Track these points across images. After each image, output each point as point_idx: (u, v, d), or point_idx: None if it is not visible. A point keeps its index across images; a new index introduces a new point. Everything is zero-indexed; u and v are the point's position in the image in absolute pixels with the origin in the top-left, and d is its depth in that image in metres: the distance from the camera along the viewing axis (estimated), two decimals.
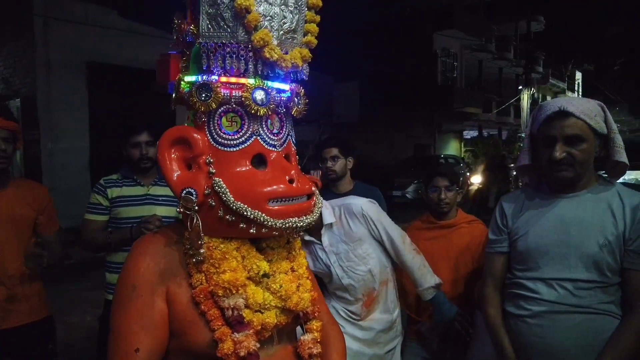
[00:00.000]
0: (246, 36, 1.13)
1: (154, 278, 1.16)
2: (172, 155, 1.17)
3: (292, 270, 1.28)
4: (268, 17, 1.14)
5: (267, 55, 1.12)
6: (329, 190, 2.94)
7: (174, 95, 1.25)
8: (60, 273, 6.86)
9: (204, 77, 1.16)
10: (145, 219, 2.53)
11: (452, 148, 25.12)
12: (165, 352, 1.16)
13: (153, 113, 10.03)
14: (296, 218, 1.16)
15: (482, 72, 27.48)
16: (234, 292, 1.15)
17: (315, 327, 1.31)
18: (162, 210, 2.68)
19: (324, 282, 2.35)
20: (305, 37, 1.23)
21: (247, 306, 1.16)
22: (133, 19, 10.27)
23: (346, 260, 2.26)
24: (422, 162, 17.41)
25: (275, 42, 1.14)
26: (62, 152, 9.53)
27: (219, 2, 1.12)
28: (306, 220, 1.18)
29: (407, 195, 14.40)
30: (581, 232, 1.63)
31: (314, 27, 1.24)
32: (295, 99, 1.23)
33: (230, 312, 1.13)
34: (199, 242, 1.14)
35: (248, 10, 1.10)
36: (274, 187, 1.15)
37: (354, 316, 2.31)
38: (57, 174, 9.47)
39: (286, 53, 1.17)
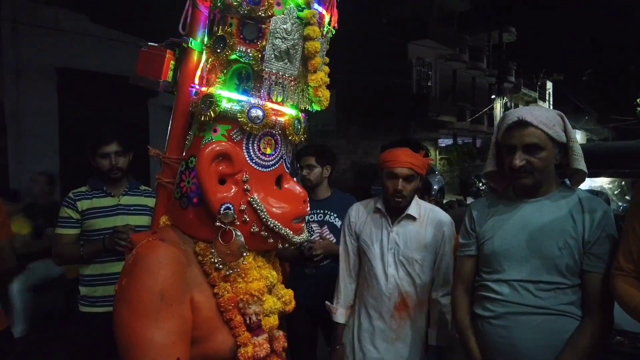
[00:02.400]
0: (300, 73, 1.25)
1: (181, 286, 1.12)
2: (212, 171, 1.19)
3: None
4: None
5: (320, 94, 1.26)
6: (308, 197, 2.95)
7: (205, 107, 1.22)
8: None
9: (260, 101, 1.22)
10: (117, 229, 2.52)
11: None
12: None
13: (125, 120, 9.95)
14: (304, 234, 1.32)
15: (456, 82, 27.95)
16: (260, 299, 1.24)
17: (284, 324, 1.40)
18: (134, 220, 2.65)
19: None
20: (317, 74, 1.30)
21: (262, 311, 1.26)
22: (105, 25, 10.13)
23: (402, 256, 2.28)
24: None
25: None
26: (31, 161, 9.28)
27: (286, 36, 1.21)
28: (304, 236, 1.33)
29: None
30: (542, 236, 1.69)
31: (327, 69, 1.33)
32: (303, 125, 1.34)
33: (253, 317, 1.22)
34: (244, 254, 1.21)
35: (316, 54, 1.22)
36: (298, 207, 1.29)
37: (380, 332, 2.31)
38: (25, 183, 9.22)
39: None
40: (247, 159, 1.22)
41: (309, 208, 1.34)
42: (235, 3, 1.19)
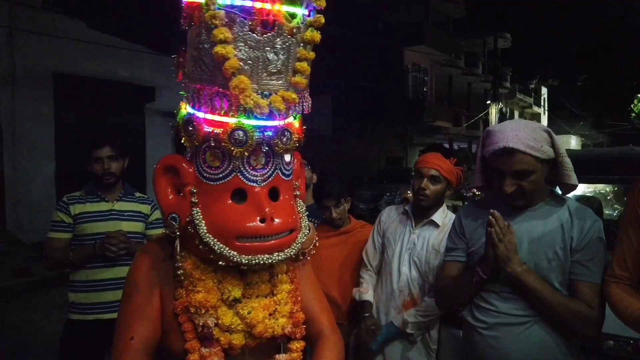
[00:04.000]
0: (225, 80, 1.15)
1: (152, 278, 1.29)
2: (164, 181, 1.26)
3: (272, 294, 1.34)
4: (249, 61, 1.16)
5: (243, 103, 1.14)
6: None
7: (174, 122, 1.31)
8: (20, 291, 6.65)
9: (191, 113, 1.22)
10: (109, 234, 2.50)
11: None
12: (159, 342, 1.29)
13: (122, 125, 9.95)
14: (266, 255, 1.22)
15: (451, 87, 28.04)
16: (204, 311, 1.24)
17: (295, 348, 1.36)
18: (127, 226, 2.64)
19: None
20: (295, 78, 1.23)
21: (217, 325, 1.25)
22: (101, 31, 10.14)
23: (417, 256, 2.36)
24: (394, 174, 17.57)
25: (255, 87, 1.17)
26: (27, 166, 9.26)
27: (200, 46, 1.16)
28: (278, 258, 1.25)
29: (380, 207, 14.51)
30: (532, 247, 1.69)
31: (305, 67, 1.24)
32: (282, 137, 1.24)
33: (200, 328, 1.24)
34: (176, 264, 1.25)
35: (226, 58, 1.12)
36: (243, 225, 1.20)
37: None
38: (21, 188, 9.20)
39: (268, 95, 1.19)
40: (196, 172, 1.24)
41: (279, 228, 1.22)
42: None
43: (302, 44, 1.23)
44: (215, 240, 1.19)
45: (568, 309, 1.61)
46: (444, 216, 2.42)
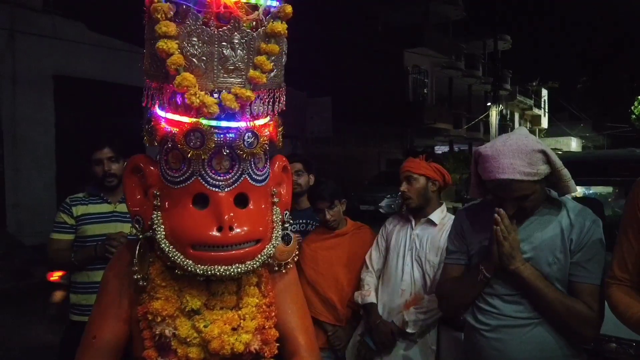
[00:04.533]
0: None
1: (123, 280, 1.26)
2: (132, 181, 1.25)
3: (238, 307, 1.24)
4: (203, 57, 1.07)
5: (188, 102, 1.05)
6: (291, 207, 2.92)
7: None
8: (20, 293, 6.65)
9: (151, 111, 1.17)
10: (109, 236, 2.48)
11: None
12: (125, 344, 1.27)
13: (123, 127, 9.94)
14: (222, 267, 1.12)
15: (452, 89, 28.06)
16: (159, 320, 1.19)
17: None
18: (128, 228, 2.59)
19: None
20: (252, 72, 1.11)
21: (175, 335, 1.19)
22: (102, 33, 10.15)
23: (418, 255, 2.41)
24: (394, 176, 17.56)
25: (209, 84, 1.08)
26: (28, 168, 9.27)
27: (152, 42, 1.08)
28: (236, 270, 1.14)
29: (380, 209, 14.51)
30: (532, 251, 1.69)
31: (263, 60, 1.12)
32: (245, 139, 1.13)
33: (157, 337, 1.19)
34: (133, 268, 1.20)
35: (168, 54, 1.04)
36: (198, 233, 1.11)
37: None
38: (22, 190, 9.21)
39: (227, 93, 1.09)
40: (160, 174, 1.18)
41: (238, 237, 1.13)
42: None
43: (266, 38, 1.13)
44: (171, 247, 1.12)
45: (568, 308, 1.61)
46: (442, 216, 2.47)
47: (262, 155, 1.21)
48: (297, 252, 1.43)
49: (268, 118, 1.20)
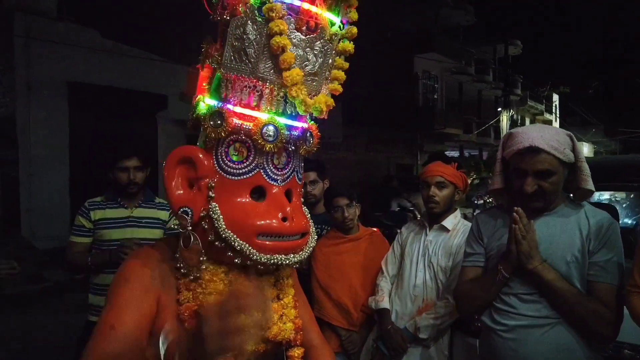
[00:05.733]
0: (268, 73, 1.15)
1: (147, 281, 1.18)
2: (177, 173, 1.21)
3: (278, 298, 1.30)
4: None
5: (294, 94, 1.14)
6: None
7: (191, 114, 1.27)
8: (33, 296, 6.72)
9: (220, 104, 1.18)
10: (122, 242, 2.52)
11: None
12: (145, 341, 1.16)
13: (135, 133, 10.06)
14: (283, 255, 1.19)
15: (462, 94, 27.98)
16: None
17: (296, 355, 1.33)
18: (144, 233, 2.66)
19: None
20: (332, 84, 1.23)
21: None
22: (115, 40, 10.28)
23: (430, 261, 2.42)
24: (404, 182, 17.53)
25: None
26: (41, 173, 9.39)
27: (244, 37, 1.14)
28: (293, 259, 1.21)
29: (389, 214, 14.47)
30: (550, 250, 1.69)
31: (341, 75, 1.24)
32: (307, 138, 1.24)
33: None
34: (200, 258, 1.18)
35: (284, 50, 1.12)
36: (266, 222, 1.16)
37: None
38: (36, 195, 9.32)
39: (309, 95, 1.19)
40: (216, 165, 1.19)
41: (299, 228, 1.21)
42: (215, 10, 1.20)
43: (336, 53, 1.24)
44: (235, 236, 1.14)
45: (586, 307, 1.62)
46: (455, 221, 2.48)
47: (308, 156, 1.30)
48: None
49: (312, 122, 1.30)
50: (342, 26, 1.24)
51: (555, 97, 42.07)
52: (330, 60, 1.23)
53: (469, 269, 1.91)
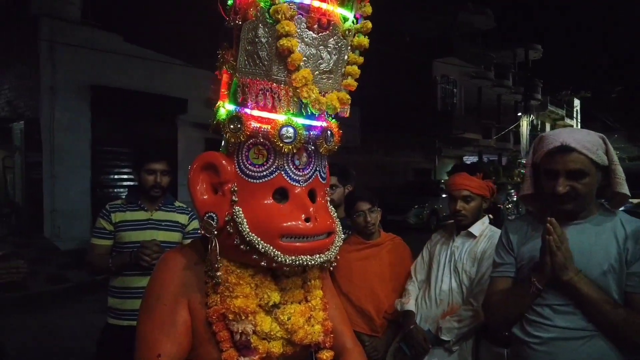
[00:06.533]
0: (281, 75, 1.15)
1: (177, 289, 1.21)
2: (201, 179, 1.22)
3: (306, 300, 1.30)
4: (304, 58, 1.15)
5: (305, 95, 1.14)
6: None
7: (212, 120, 1.28)
8: (55, 297, 6.82)
9: (238, 109, 1.19)
10: (143, 243, 2.54)
11: None
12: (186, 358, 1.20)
13: (154, 135, 10.18)
14: (308, 256, 1.19)
15: (481, 99, 27.74)
16: (243, 318, 1.18)
17: (325, 357, 1.32)
18: (163, 235, 2.68)
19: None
20: (345, 80, 1.23)
21: (255, 332, 1.19)
22: (137, 44, 10.44)
23: (456, 266, 2.43)
24: (422, 186, 17.43)
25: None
26: (64, 175, 9.55)
27: (256, 40, 1.15)
28: (319, 259, 1.20)
29: (408, 220, 14.39)
30: (584, 259, 1.63)
31: (355, 70, 1.24)
32: (327, 137, 1.23)
33: (238, 336, 1.17)
34: (216, 265, 1.19)
35: (291, 51, 1.11)
36: (288, 224, 1.17)
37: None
38: (59, 197, 9.48)
39: (321, 93, 1.18)
40: (237, 169, 1.20)
41: (322, 228, 1.21)
42: (229, 16, 1.21)
43: (351, 48, 1.23)
44: (259, 239, 1.15)
45: (625, 319, 1.55)
46: (483, 228, 2.48)
47: (329, 155, 1.29)
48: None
49: (334, 120, 1.29)
50: (355, 21, 1.23)
51: (577, 102, 41.44)
52: (345, 57, 1.22)
53: (499, 279, 1.85)
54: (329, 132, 1.24)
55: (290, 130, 1.15)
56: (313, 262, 1.20)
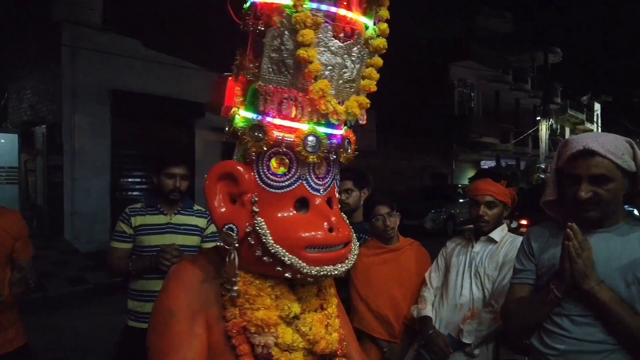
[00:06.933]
0: (306, 84, 1.13)
1: (194, 305, 1.15)
2: (218, 190, 1.18)
3: (322, 308, 1.28)
4: (329, 67, 1.13)
5: (323, 107, 1.12)
6: None
7: (227, 127, 1.25)
8: (74, 298, 6.92)
9: (259, 117, 1.16)
10: (163, 248, 2.55)
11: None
12: None
13: (172, 139, 10.29)
14: (331, 266, 1.17)
15: (499, 103, 27.48)
16: (266, 330, 1.15)
17: None
18: (182, 239, 2.69)
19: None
20: (364, 81, 1.21)
21: (276, 344, 1.16)
22: (156, 49, 10.58)
23: (478, 271, 2.41)
24: (438, 191, 17.32)
25: (332, 92, 1.14)
26: (84, 178, 9.71)
27: (282, 48, 1.12)
28: (341, 269, 1.18)
29: (424, 224, 14.29)
30: (608, 269, 1.57)
31: (373, 72, 1.21)
32: (345, 146, 1.22)
33: (260, 349, 1.14)
34: (234, 279, 1.15)
35: (309, 61, 1.09)
36: (313, 234, 1.14)
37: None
38: (79, 199, 9.63)
39: (341, 102, 1.16)
40: (257, 179, 1.16)
41: (344, 237, 1.19)
42: (246, 21, 1.18)
43: (369, 53, 1.22)
44: (284, 251, 1.12)
45: None
46: (503, 234, 2.47)
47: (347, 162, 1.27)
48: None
49: (349, 127, 1.27)
50: (375, 28, 1.22)
51: (597, 106, 40.79)
52: (364, 64, 1.20)
53: (518, 286, 1.80)
54: (347, 140, 1.23)
55: (314, 139, 1.13)
56: (336, 272, 1.18)
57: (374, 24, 1.22)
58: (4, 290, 2.34)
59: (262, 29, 1.14)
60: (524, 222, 9.39)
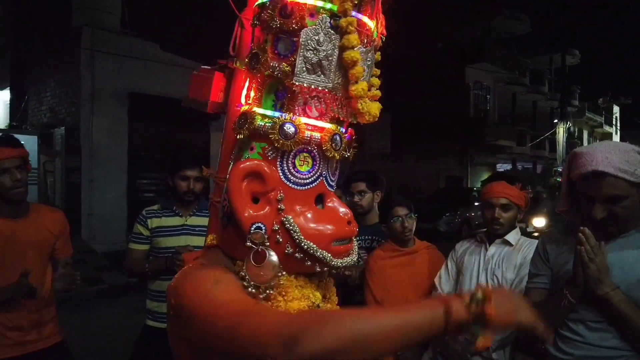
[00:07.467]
0: (338, 84, 1.17)
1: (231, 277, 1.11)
2: (243, 190, 1.16)
3: (324, 297, 1.29)
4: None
5: (359, 107, 1.17)
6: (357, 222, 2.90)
7: (240, 125, 1.23)
8: (90, 298, 7.02)
9: (284, 115, 1.17)
10: (177, 249, 2.59)
11: None
12: None
13: (188, 141, 10.38)
14: (348, 257, 1.23)
15: (515, 105, 27.23)
16: None
17: None
18: (198, 241, 2.70)
19: None
20: (370, 92, 1.24)
21: None
22: (173, 52, 10.70)
23: (494, 274, 2.40)
24: (454, 194, 17.21)
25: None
26: (102, 179, 9.84)
27: (319, 48, 1.15)
28: (354, 259, 1.24)
29: (439, 227, 14.20)
30: (623, 275, 1.56)
31: (378, 81, 1.27)
32: (353, 142, 1.26)
33: None
34: (277, 273, 1.13)
35: (355, 64, 1.14)
36: (338, 228, 1.19)
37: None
38: (96, 201, 9.76)
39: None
40: (282, 176, 1.17)
41: (356, 229, 1.24)
42: (267, 18, 1.18)
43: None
44: (316, 246, 1.15)
45: None
46: (517, 237, 2.45)
47: None
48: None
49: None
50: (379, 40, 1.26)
51: (616, 109, 40.16)
52: (372, 70, 1.25)
53: (533, 290, 1.79)
54: (354, 138, 1.28)
55: (338, 138, 1.18)
56: (351, 262, 1.24)
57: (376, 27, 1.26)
58: (43, 287, 2.38)
59: (296, 27, 1.15)
60: None
